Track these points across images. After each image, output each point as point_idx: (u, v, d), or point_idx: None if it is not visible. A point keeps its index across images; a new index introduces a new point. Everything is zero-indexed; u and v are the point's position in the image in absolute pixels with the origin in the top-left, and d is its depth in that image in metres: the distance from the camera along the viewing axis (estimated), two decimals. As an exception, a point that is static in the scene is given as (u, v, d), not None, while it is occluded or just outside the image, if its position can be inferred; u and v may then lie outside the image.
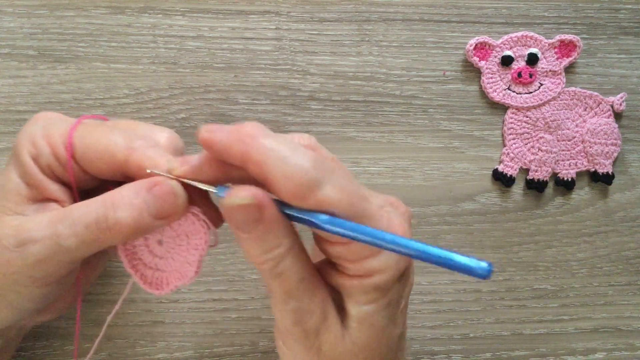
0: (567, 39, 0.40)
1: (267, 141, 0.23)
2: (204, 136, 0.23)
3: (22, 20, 0.37)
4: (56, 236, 0.25)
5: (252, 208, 0.23)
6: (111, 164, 0.26)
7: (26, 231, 0.25)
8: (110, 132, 0.27)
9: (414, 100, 0.40)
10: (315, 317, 0.25)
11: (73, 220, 0.25)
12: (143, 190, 0.25)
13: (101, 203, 0.25)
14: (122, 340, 0.38)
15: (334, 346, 0.25)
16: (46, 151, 0.27)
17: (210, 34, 0.38)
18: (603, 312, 0.42)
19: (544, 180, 0.41)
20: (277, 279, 0.24)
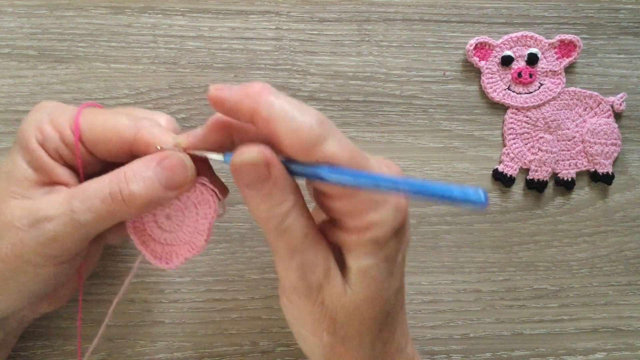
0: (567, 39, 0.40)
1: (275, 99, 0.24)
2: (213, 94, 0.24)
3: (22, 20, 0.37)
4: (72, 212, 0.26)
5: (261, 165, 0.24)
6: (119, 143, 0.28)
7: (40, 210, 0.26)
8: (116, 114, 0.29)
9: (414, 100, 0.40)
10: (318, 271, 0.26)
11: (87, 195, 0.26)
12: (153, 163, 0.26)
13: (115, 177, 0.26)
14: (122, 340, 0.38)
15: (337, 299, 0.26)
16: (53, 135, 0.28)
17: (210, 34, 0.38)
18: (603, 312, 0.42)
19: (544, 180, 0.41)
20: (283, 235, 0.25)
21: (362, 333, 0.27)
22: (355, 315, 0.26)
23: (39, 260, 0.27)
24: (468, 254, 0.41)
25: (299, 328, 0.28)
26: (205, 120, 0.38)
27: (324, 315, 0.26)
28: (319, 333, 0.27)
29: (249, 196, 0.25)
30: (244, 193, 0.25)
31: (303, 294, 0.26)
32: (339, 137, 0.24)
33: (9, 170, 0.28)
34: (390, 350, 0.28)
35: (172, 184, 0.27)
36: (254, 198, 0.25)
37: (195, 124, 0.38)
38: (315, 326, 0.27)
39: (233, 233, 0.39)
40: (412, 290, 0.40)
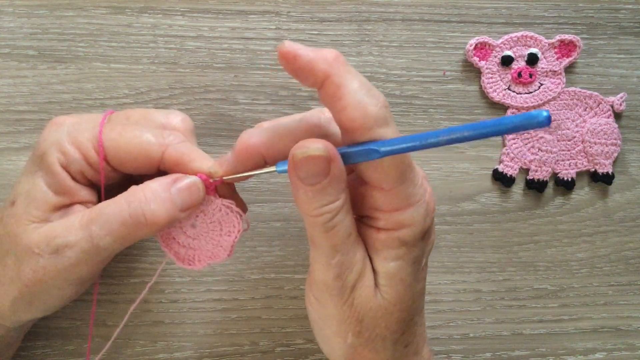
0: (567, 39, 0.40)
1: (350, 69, 0.24)
2: (287, 48, 0.24)
3: (22, 20, 0.37)
4: (91, 237, 0.26)
5: (323, 160, 0.24)
6: (146, 162, 0.28)
7: (59, 237, 0.26)
8: (139, 131, 0.28)
9: (414, 100, 0.40)
10: (354, 272, 0.26)
11: (106, 219, 0.26)
12: (170, 185, 0.27)
13: (134, 199, 0.27)
14: (122, 340, 0.38)
15: (366, 301, 0.26)
16: (77, 157, 0.27)
17: (210, 34, 0.38)
18: (603, 312, 0.42)
19: (544, 180, 0.41)
20: (328, 232, 0.25)
21: (386, 336, 0.27)
22: (382, 318, 0.27)
23: (62, 283, 0.28)
24: (468, 254, 0.41)
25: (322, 327, 0.28)
26: (205, 120, 0.38)
27: (351, 316, 0.26)
28: (344, 334, 0.27)
29: (301, 190, 0.25)
30: (296, 186, 0.25)
31: (335, 293, 0.26)
32: (396, 128, 0.25)
33: (28, 191, 0.28)
34: (409, 352, 0.29)
35: (186, 204, 0.27)
36: (307, 193, 0.25)
37: (195, 123, 0.38)
38: (340, 327, 0.27)
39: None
40: (412, 290, 0.40)
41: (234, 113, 0.39)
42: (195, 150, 0.29)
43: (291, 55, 0.24)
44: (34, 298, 0.28)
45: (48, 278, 0.27)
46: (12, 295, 0.28)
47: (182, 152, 0.28)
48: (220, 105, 0.39)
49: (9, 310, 0.29)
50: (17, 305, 0.28)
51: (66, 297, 0.29)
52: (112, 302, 0.38)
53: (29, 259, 0.27)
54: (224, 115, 0.39)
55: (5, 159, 0.37)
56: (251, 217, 0.39)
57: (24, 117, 0.37)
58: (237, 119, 0.39)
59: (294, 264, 0.39)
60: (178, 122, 0.30)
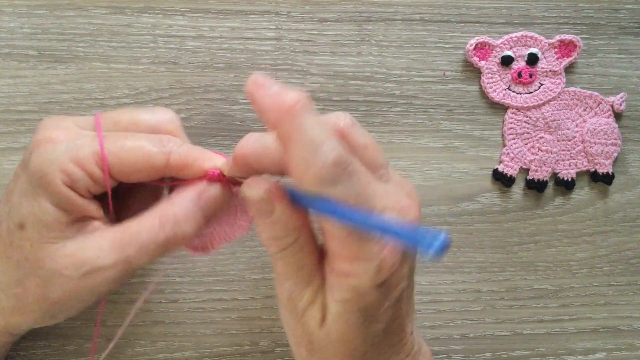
0: (567, 39, 0.40)
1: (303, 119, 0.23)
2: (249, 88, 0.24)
3: (22, 20, 0.37)
4: (128, 261, 0.27)
5: (264, 202, 0.25)
6: (150, 172, 0.28)
7: (90, 260, 0.27)
8: (138, 141, 0.28)
9: (414, 100, 0.40)
10: (304, 300, 0.26)
11: (142, 244, 0.27)
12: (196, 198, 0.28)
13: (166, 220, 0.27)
14: (122, 340, 0.38)
15: (315, 330, 0.27)
16: (81, 176, 0.27)
17: (210, 34, 0.38)
18: (603, 312, 0.42)
19: (544, 180, 0.41)
20: (279, 261, 0.26)
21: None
22: (329, 347, 0.27)
23: (90, 298, 0.28)
24: (468, 254, 0.41)
25: (288, 334, 0.29)
26: (205, 120, 0.38)
27: (303, 335, 0.27)
28: (300, 348, 0.28)
29: (255, 219, 0.26)
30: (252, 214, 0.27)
31: (289, 311, 0.27)
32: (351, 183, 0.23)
33: (37, 214, 0.27)
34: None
35: (212, 213, 0.29)
36: (259, 224, 0.26)
37: (195, 123, 0.38)
38: (297, 341, 0.28)
39: None
40: (412, 290, 0.40)
41: (234, 113, 0.39)
42: (196, 149, 0.29)
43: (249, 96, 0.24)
44: (59, 313, 0.29)
45: (79, 295, 0.28)
46: (37, 315, 0.29)
47: (185, 156, 0.28)
48: (220, 105, 0.39)
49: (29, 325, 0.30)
50: (40, 321, 0.29)
51: (88, 306, 0.30)
52: (112, 302, 0.38)
53: (58, 280, 0.27)
54: (224, 115, 0.39)
55: (5, 159, 0.37)
56: (251, 217, 0.39)
57: (24, 117, 0.37)
58: (237, 119, 0.39)
59: (294, 264, 0.39)
60: (168, 123, 0.30)
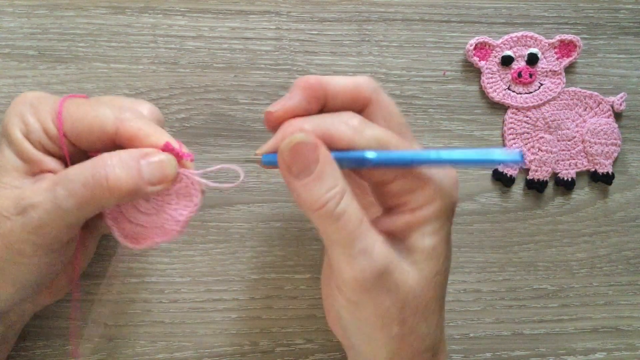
0: (567, 39, 0.40)
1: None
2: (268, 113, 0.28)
3: (22, 20, 0.37)
4: (55, 198, 0.26)
5: (309, 147, 0.25)
6: (101, 135, 0.28)
7: (25, 198, 0.26)
8: (98, 106, 0.29)
9: (414, 100, 0.40)
10: (382, 254, 0.25)
11: (70, 180, 0.26)
12: (139, 156, 0.27)
13: (99, 162, 0.26)
14: (122, 340, 0.38)
15: (404, 283, 0.26)
16: (36, 127, 0.28)
17: (210, 34, 0.38)
18: (603, 312, 0.42)
19: (544, 180, 0.41)
20: (340, 220, 0.25)
21: (428, 317, 0.27)
22: (422, 297, 0.26)
23: (29, 249, 0.27)
24: (468, 254, 0.41)
25: (360, 327, 0.27)
26: (205, 120, 0.38)
27: (392, 304, 0.26)
28: (388, 326, 0.26)
29: (300, 187, 0.25)
30: (294, 187, 0.25)
31: (370, 284, 0.25)
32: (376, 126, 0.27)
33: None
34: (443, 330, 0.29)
35: (154, 179, 0.27)
36: (306, 186, 0.25)
37: (195, 123, 0.38)
38: (383, 320, 0.26)
39: (233, 233, 0.39)
40: (412, 290, 0.40)
41: (234, 113, 0.39)
42: (151, 125, 0.28)
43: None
44: (3, 267, 0.27)
45: (14, 241, 0.26)
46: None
47: (138, 127, 0.28)
48: (220, 105, 0.39)
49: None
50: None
51: (38, 269, 0.28)
52: (112, 302, 0.38)
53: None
54: (224, 115, 0.39)
55: (5, 159, 0.37)
56: (251, 217, 0.39)
57: (24, 117, 0.37)
58: (237, 119, 0.39)
59: (294, 264, 0.39)
60: (145, 109, 0.30)
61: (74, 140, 0.28)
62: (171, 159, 0.27)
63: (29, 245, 0.27)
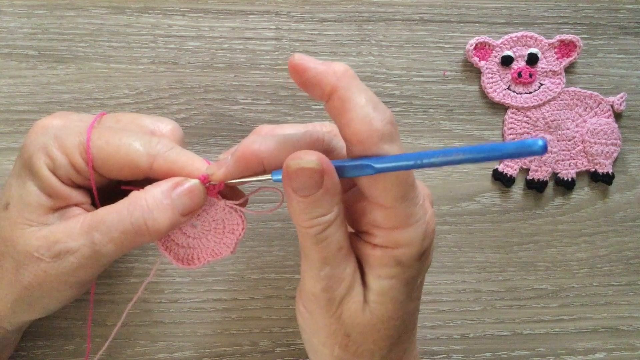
0: (567, 39, 0.40)
1: (357, 84, 0.24)
2: (296, 61, 0.24)
3: (22, 20, 0.37)
4: (93, 244, 0.26)
5: (316, 172, 0.24)
6: (134, 171, 0.27)
7: (60, 242, 0.26)
8: (127, 138, 0.27)
9: (414, 100, 0.40)
10: (343, 286, 0.26)
11: (108, 228, 0.26)
12: (170, 190, 0.27)
13: (135, 207, 0.26)
14: (122, 340, 0.38)
15: (354, 316, 0.26)
16: (64, 162, 0.27)
17: (210, 34, 0.38)
18: (603, 312, 0.42)
19: (544, 180, 0.41)
20: (319, 244, 0.25)
21: (374, 351, 0.27)
22: (369, 333, 0.26)
23: (62, 286, 0.28)
24: (468, 254, 0.41)
25: (311, 337, 0.28)
26: (205, 120, 0.38)
27: (338, 329, 0.26)
28: (331, 346, 0.27)
29: (295, 201, 0.25)
30: (290, 197, 0.25)
31: (323, 305, 0.26)
32: (401, 145, 0.25)
33: (21, 195, 0.27)
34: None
35: (187, 209, 0.27)
36: (300, 204, 0.25)
37: (195, 123, 0.38)
38: (328, 339, 0.27)
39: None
40: (412, 290, 0.40)
41: (234, 113, 0.39)
42: (184, 154, 0.28)
43: (300, 69, 0.24)
44: (34, 300, 0.28)
45: (48, 281, 0.27)
46: (11, 298, 0.28)
47: (172, 161, 0.27)
48: (220, 105, 0.39)
49: (7, 313, 0.29)
50: (16, 308, 0.28)
51: (65, 298, 0.29)
52: (112, 302, 0.38)
53: (29, 262, 0.27)
54: (224, 115, 0.39)
55: (5, 158, 0.37)
56: (251, 217, 0.39)
57: (24, 117, 0.37)
58: (237, 119, 0.39)
59: (294, 264, 0.39)
60: (167, 131, 0.30)
61: (104, 174, 0.28)
62: (199, 186, 0.27)
63: (62, 285, 0.27)
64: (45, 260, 0.26)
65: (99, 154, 0.27)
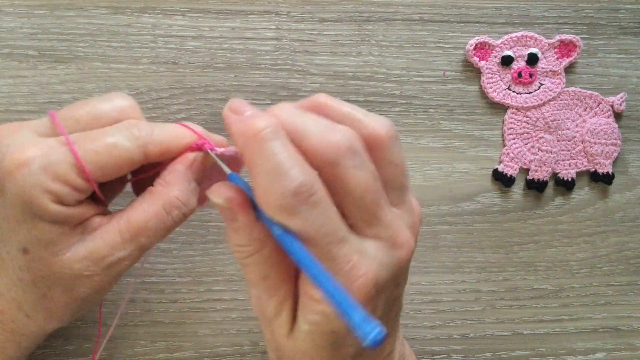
0: (567, 39, 0.40)
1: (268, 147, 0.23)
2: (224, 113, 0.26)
3: (22, 20, 0.37)
4: (142, 247, 0.28)
5: (226, 209, 0.25)
6: (132, 167, 0.28)
7: (108, 256, 0.27)
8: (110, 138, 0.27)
9: (414, 100, 0.40)
10: (270, 310, 0.26)
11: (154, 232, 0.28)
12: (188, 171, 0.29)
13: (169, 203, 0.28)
14: (122, 340, 0.38)
15: (282, 338, 0.27)
16: (67, 191, 0.26)
17: (210, 34, 0.38)
18: (603, 312, 0.42)
19: (544, 180, 0.41)
20: (244, 268, 0.26)
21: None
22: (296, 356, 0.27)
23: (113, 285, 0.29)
24: (468, 254, 0.41)
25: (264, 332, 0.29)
26: (205, 120, 0.38)
27: (272, 340, 0.27)
28: (270, 352, 0.29)
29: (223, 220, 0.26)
30: None
31: (259, 314, 0.27)
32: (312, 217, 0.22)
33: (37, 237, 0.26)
34: None
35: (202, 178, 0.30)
36: (226, 227, 0.26)
37: (195, 124, 0.38)
38: (267, 343, 0.29)
39: None
40: (412, 290, 0.40)
41: (234, 113, 0.39)
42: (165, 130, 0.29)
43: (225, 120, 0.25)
44: (87, 306, 0.29)
45: (104, 287, 0.28)
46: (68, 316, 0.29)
47: (161, 143, 0.28)
48: (220, 105, 0.39)
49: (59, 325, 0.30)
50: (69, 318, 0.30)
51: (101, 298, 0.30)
52: (113, 302, 0.38)
53: (82, 281, 0.27)
54: (224, 115, 0.39)
55: (5, 159, 0.37)
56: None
57: (24, 117, 0.37)
58: (237, 119, 0.39)
59: (294, 264, 0.39)
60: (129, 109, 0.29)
61: (101, 180, 0.27)
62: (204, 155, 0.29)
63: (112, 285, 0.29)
64: (98, 273, 0.27)
65: (93, 167, 0.26)
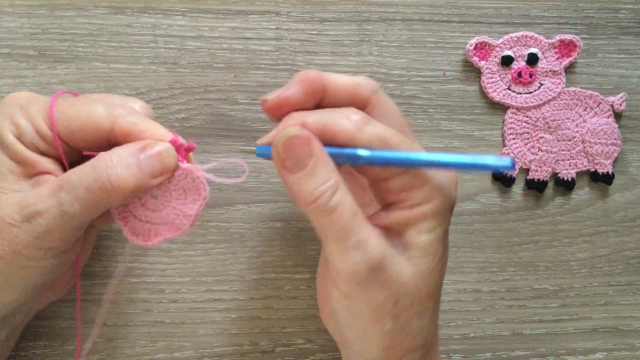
0: (567, 39, 0.40)
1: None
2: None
3: (22, 20, 0.37)
4: (60, 204, 0.26)
5: (303, 141, 0.25)
6: (96, 133, 0.28)
7: (29, 205, 0.26)
8: (90, 103, 0.28)
9: (414, 100, 0.40)
10: (377, 249, 0.25)
11: (73, 186, 0.26)
12: (137, 151, 0.27)
13: (100, 164, 0.26)
14: (122, 340, 0.38)
15: (397, 278, 0.26)
16: (28, 129, 0.28)
17: (210, 34, 0.38)
18: (603, 312, 0.42)
19: (544, 180, 0.41)
20: (333, 214, 0.25)
21: (422, 314, 0.27)
22: (417, 293, 0.27)
23: (37, 253, 0.27)
24: (468, 254, 0.41)
25: (354, 321, 0.27)
26: (205, 120, 0.38)
27: (386, 298, 0.26)
28: (381, 321, 0.26)
29: (293, 181, 0.25)
30: (288, 180, 0.26)
31: (363, 278, 0.25)
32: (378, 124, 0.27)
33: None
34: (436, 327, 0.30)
35: (155, 171, 0.27)
36: (299, 180, 0.25)
37: (195, 123, 0.38)
38: (377, 314, 0.26)
39: (233, 233, 0.39)
40: (412, 290, 0.40)
41: (234, 113, 0.39)
42: (146, 119, 0.28)
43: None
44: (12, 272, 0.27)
45: (22, 247, 0.26)
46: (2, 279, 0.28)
47: (133, 123, 0.27)
48: (220, 105, 0.39)
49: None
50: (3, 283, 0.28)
51: (46, 271, 0.28)
52: (112, 302, 0.38)
53: (3, 230, 0.26)
54: (224, 115, 0.39)
55: (5, 159, 0.37)
56: (251, 217, 0.39)
57: (24, 117, 0.37)
58: (237, 119, 0.39)
59: (293, 264, 0.39)
60: (136, 106, 0.30)
61: (68, 140, 0.28)
62: (169, 148, 0.27)
63: (37, 250, 0.27)
64: (16, 225, 0.26)
65: (61, 117, 0.27)
